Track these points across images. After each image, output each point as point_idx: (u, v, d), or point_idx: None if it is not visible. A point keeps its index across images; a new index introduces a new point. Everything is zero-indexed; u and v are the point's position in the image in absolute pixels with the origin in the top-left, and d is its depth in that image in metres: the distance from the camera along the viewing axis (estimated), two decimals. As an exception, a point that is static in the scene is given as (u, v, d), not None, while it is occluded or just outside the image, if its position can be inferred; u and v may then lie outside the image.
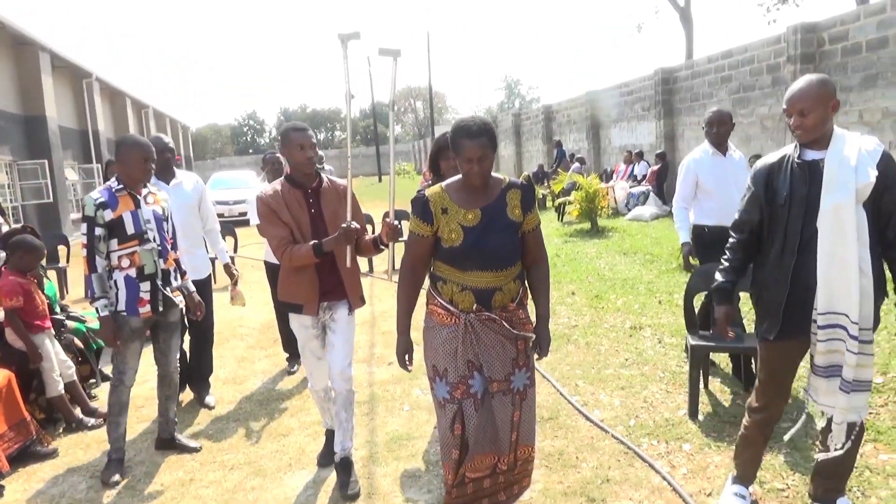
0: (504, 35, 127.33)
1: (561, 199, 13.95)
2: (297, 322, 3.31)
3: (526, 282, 2.77)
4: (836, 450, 2.61)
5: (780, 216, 2.64)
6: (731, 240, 2.87)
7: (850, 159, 2.52)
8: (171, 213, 3.82)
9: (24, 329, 4.07)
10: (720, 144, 4.44)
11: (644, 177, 14.82)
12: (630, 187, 14.64)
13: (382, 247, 3.20)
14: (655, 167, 14.58)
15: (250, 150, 75.30)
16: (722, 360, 4.77)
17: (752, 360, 4.04)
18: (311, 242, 3.08)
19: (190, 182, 4.49)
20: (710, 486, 3.16)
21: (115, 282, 3.47)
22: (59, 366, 4.22)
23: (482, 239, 2.54)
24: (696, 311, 4.45)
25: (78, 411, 4.33)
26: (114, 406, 3.60)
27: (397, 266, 2.87)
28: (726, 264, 2.86)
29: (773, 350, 2.74)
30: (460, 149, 2.49)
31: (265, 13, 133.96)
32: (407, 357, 2.76)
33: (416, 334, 2.75)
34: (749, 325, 4.46)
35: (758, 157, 10.48)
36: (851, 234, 2.48)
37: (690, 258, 4.65)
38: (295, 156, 3.17)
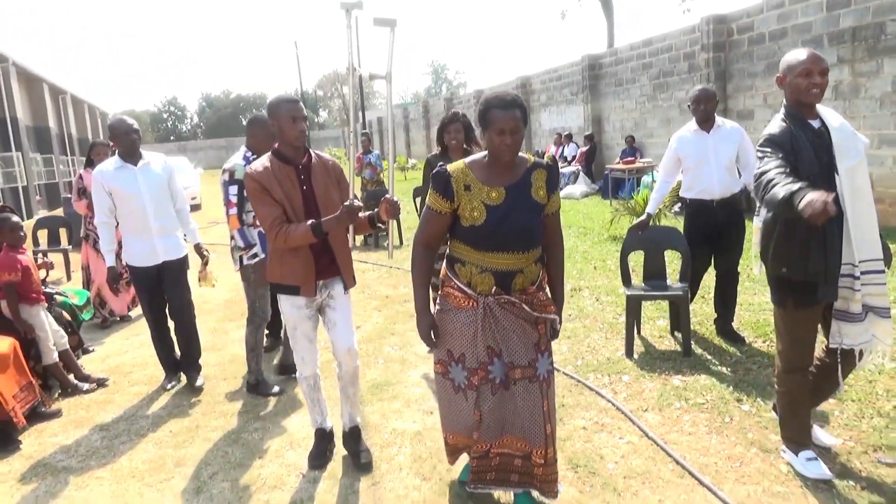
0: (430, 20, 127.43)
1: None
2: (289, 303, 3.14)
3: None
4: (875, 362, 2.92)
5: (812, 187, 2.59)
6: (764, 175, 2.58)
7: (846, 125, 2.75)
8: None
9: (19, 302, 4.33)
10: (705, 121, 4.59)
11: (574, 157, 15.70)
12: (561, 168, 15.49)
13: (380, 224, 3.07)
14: (584, 148, 15.49)
15: (172, 137, 72.85)
16: (654, 311, 5.50)
17: (679, 308, 4.75)
18: (309, 222, 2.93)
19: (158, 163, 4.47)
20: (646, 404, 3.84)
21: (253, 235, 4.11)
22: (53, 336, 4.50)
23: (506, 219, 2.45)
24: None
25: (71, 377, 4.61)
26: (256, 342, 4.29)
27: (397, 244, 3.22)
28: (784, 181, 2.46)
29: (814, 311, 2.86)
30: (492, 121, 2.38)
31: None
32: (433, 332, 2.63)
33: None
34: (673, 276, 5.20)
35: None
36: (867, 190, 2.73)
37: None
38: (286, 129, 2.99)
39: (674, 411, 3.71)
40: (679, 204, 8.85)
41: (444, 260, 2.67)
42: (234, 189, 4.06)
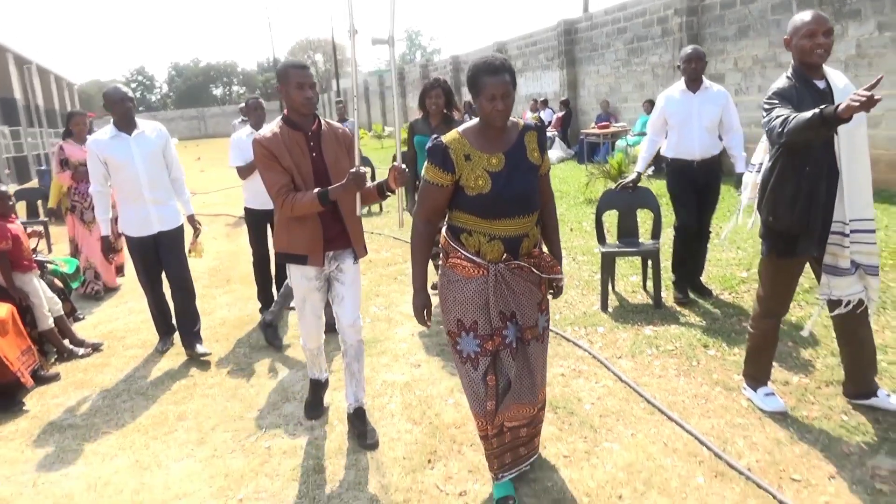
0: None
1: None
2: (299, 273, 3.11)
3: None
4: (869, 309, 3.01)
5: (810, 145, 2.78)
6: (784, 112, 2.72)
7: (850, 86, 2.84)
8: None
9: (11, 269, 4.43)
10: (695, 80, 4.64)
11: (549, 123, 15.84)
12: (537, 133, 15.62)
13: (388, 193, 3.02)
14: (560, 114, 15.64)
15: (140, 108, 71.35)
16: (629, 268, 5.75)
17: (650, 263, 5.00)
18: (316, 190, 2.88)
19: (153, 131, 4.42)
20: (619, 352, 4.10)
21: None
22: (47, 302, 4.61)
23: (510, 184, 2.45)
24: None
25: (67, 343, 4.74)
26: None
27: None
28: (795, 112, 2.68)
29: (797, 263, 3.04)
30: (482, 87, 2.38)
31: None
32: (426, 312, 2.63)
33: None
34: (644, 236, 5.44)
35: (651, 102, 11.64)
36: (865, 152, 2.85)
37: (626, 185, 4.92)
38: (293, 96, 2.94)
39: (645, 358, 3.97)
40: (652, 168, 9.07)
41: (446, 231, 2.62)
42: None
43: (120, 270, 6.82)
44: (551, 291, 2.72)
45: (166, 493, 2.96)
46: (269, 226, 5.06)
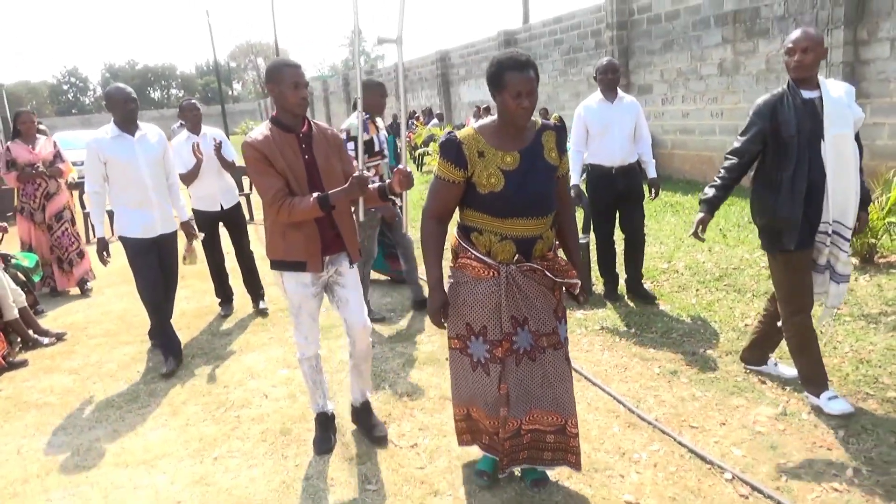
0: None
1: (420, 150, 15.25)
2: (295, 281, 2.97)
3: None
4: (824, 326, 3.38)
5: (790, 147, 3.02)
6: (729, 162, 3.29)
7: (842, 97, 3.02)
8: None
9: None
10: (610, 90, 4.84)
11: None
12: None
13: (392, 196, 2.93)
14: (474, 120, 16.22)
15: (74, 111, 69.02)
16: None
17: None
18: (316, 195, 2.79)
19: (154, 134, 4.34)
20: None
21: None
22: (12, 293, 4.80)
23: (524, 184, 2.39)
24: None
25: (31, 332, 4.93)
26: (363, 276, 4.45)
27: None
28: (720, 182, 3.31)
29: (797, 258, 3.15)
30: (507, 83, 2.29)
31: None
32: (443, 311, 2.52)
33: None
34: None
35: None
36: (851, 159, 3.02)
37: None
38: (288, 96, 2.82)
39: (575, 336, 4.48)
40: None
41: (457, 230, 2.57)
42: (350, 145, 4.34)
43: (83, 285, 6.47)
44: (573, 302, 2.66)
45: (146, 455, 3.28)
46: (219, 227, 5.31)
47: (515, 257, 2.45)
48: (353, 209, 3.09)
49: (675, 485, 2.71)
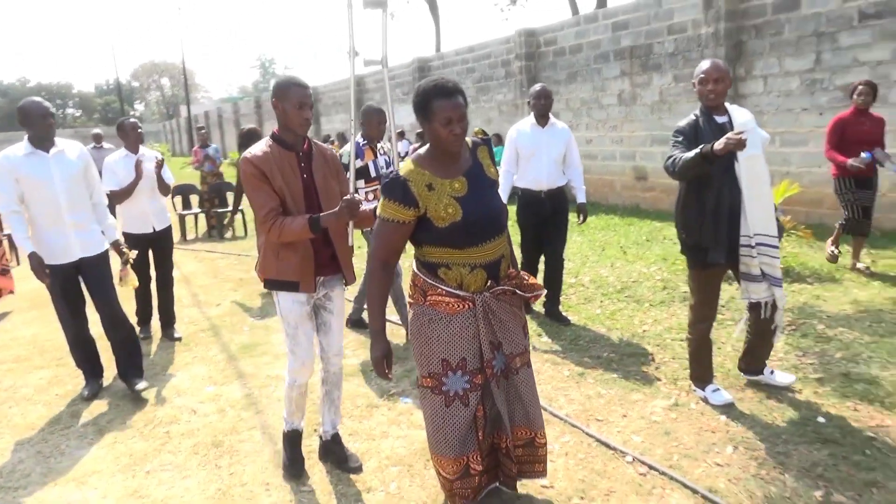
0: (255, 11, 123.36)
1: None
2: (291, 300, 2.93)
3: None
4: (778, 328, 3.54)
5: (711, 169, 3.20)
6: (672, 159, 3.28)
7: (750, 122, 3.32)
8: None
9: None
10: (543, 115, 4.97)
11: (406, 153, 16.81)
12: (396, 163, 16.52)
13: None
14: (416, 145, 16.65)
15: (-43, 130, 64.28)
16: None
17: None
18: (307, 216, 2.75)
19: (74, 150, 4.09)
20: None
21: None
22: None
23: (479, 207, 2.36)
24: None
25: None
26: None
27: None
28: (683, 148, 3.27)
29: (713, 274, 3.48)
30: (435, 111, 2.26)
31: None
32: (387, 361, 2.44)
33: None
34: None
35: (498, 136, 12.90)
36: (765, 177, 3.33)
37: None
38: (291, 115, 2.79)
39: (492, 345, 4.77)
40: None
41: (418, 268, 2.49)
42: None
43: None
44: (525, 311, 2.69)
45: (75, 473, 3.29)
46: (150, 250, 5.25)
47: (488, 283, 2.42)
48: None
49: (584, 469, 3.03)
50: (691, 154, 3.14)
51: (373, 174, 4.80)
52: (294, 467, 3.15)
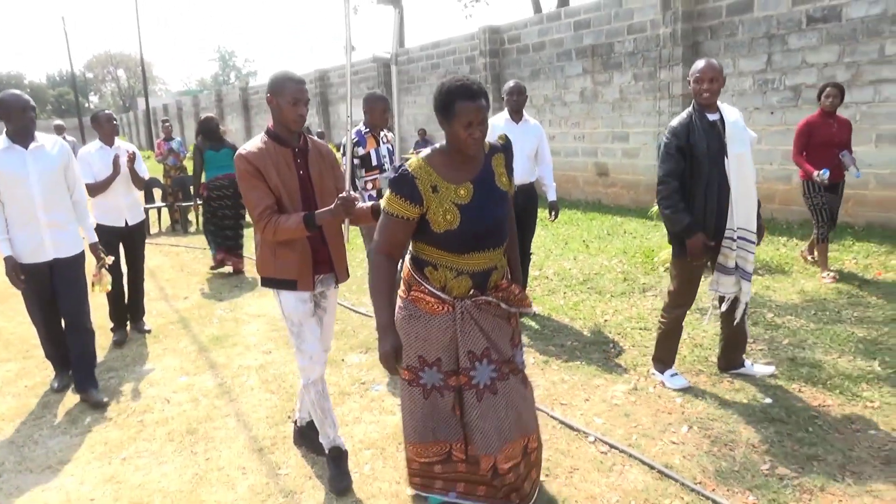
0: (214, 3, 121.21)
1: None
2: (294, 298, 2.86)
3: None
4: (738, 321, 3.70)
5: (702, 164, 3.40)
6: (668, 188, 3.47)
7: (739, 121, 3.47)
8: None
9: None
10: (517, 111, 5.00)
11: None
12: (360, 158, 16.52)
13: None
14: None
15: None
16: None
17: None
18: (302, 214, 2.70)
19: (54, 146, 3.93)
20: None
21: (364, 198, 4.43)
22: None
23: (480, 217, 2.31)
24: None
25: None
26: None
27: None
28: (680, 207, 3.46)
29: (690, 265, 3.61)
30: (457, 112, 2.21)
31: None
32: (397, 355, 2.32)
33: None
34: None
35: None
36: (751, 174, 3.48)
37: None
38: (286, 111, 2.73)
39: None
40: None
41: (409, 261, 2.48)
42: (346, 158, 4.33)
43: None
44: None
45: (50, 460, 3.32)
46: (121, 244, 5.12)
47: (471, 291, 2.39)
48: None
49: (549, 449, 3.19)
50: (678, 223, 3.46)
51: (374, 163, 4.75)
52: (342, 482, 2.95)
